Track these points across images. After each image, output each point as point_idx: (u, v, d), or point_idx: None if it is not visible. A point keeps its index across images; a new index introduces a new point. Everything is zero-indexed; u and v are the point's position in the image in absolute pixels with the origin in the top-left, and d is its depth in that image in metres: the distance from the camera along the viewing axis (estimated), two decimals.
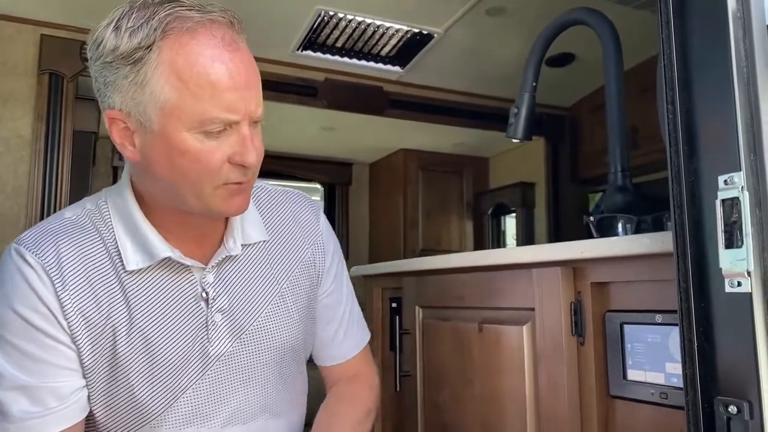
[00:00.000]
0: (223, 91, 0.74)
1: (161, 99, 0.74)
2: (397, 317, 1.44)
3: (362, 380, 1.06)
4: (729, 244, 0.60)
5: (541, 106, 3.90)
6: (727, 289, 0.60)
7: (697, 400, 0.62)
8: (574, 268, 0.96)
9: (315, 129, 3.97)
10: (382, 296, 1.62)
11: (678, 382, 0.81)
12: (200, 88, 0.73)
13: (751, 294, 0.58)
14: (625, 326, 0.89)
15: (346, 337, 1.05)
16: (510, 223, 4.71)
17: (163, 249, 0.84)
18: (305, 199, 1.05)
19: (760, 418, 0.57)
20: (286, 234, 0.98)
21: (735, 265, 0.59)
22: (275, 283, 0.94)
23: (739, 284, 0.59)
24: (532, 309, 1.02)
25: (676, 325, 0.82)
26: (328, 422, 0.99)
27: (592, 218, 1.09)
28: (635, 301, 0.89)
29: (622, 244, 0.87)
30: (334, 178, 4.82)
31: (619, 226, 1.07)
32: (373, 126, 3.86)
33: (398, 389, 1.39)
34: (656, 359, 0.84)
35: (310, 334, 1.02)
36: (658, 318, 0.84)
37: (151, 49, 0.73)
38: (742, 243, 0.59)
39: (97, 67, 0.78)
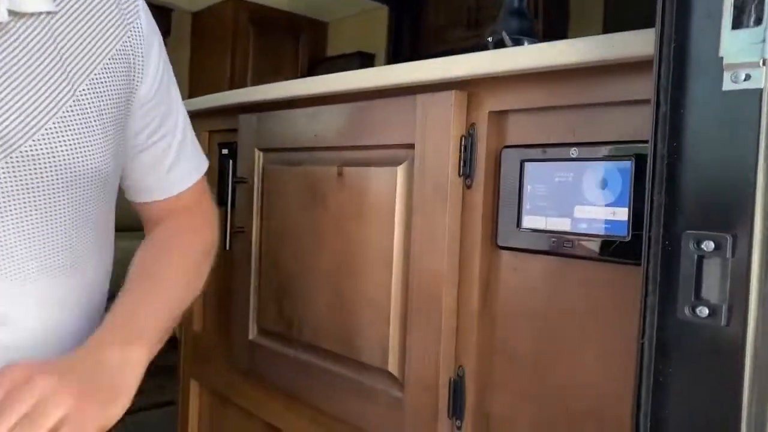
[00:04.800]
0: None
1: None
2: (230, 164, 1.17)
3: (199, 210, 0.81)
4: (738, 24, 0.43)
5: None
6: (727, 86, 0.44)
7: (659, 238, 0.47)
8: (469, 93, 0.77)
9: None
10: (209, 141, 1.33)
11: (588, 228, 0.67)
12: None
13: (761, 91, 0.42)
14: (526, 164, 0.73)
15: (178, 161, 0.78)
16: None
17: None
18: None
19: (748, 255, 0.43)
20: (86, 9, 0.66)
21: (744, 52, 0.43)
22: (68, 80, 0.63)
23: (748, 78, 0.43)
24: (411, 146, 0.82)
25: (596, 159, 0.67)
26: (154, 262, 0.73)
27: (490, 39, 0.90)
28: (543, 134, 0.72)
29: (534, 54, 0.69)
30: None
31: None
32: None
33: (228, 248, 1.14)
34: (563, 202, 0.69)
35: (123, 158, 0.73)
36: (573, 152, 0.68)
37: None
38: (762, 21, 0.42)
39: None
